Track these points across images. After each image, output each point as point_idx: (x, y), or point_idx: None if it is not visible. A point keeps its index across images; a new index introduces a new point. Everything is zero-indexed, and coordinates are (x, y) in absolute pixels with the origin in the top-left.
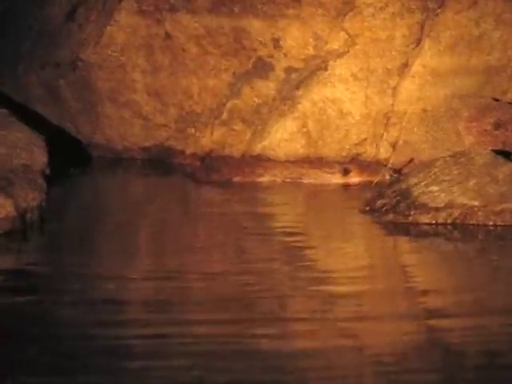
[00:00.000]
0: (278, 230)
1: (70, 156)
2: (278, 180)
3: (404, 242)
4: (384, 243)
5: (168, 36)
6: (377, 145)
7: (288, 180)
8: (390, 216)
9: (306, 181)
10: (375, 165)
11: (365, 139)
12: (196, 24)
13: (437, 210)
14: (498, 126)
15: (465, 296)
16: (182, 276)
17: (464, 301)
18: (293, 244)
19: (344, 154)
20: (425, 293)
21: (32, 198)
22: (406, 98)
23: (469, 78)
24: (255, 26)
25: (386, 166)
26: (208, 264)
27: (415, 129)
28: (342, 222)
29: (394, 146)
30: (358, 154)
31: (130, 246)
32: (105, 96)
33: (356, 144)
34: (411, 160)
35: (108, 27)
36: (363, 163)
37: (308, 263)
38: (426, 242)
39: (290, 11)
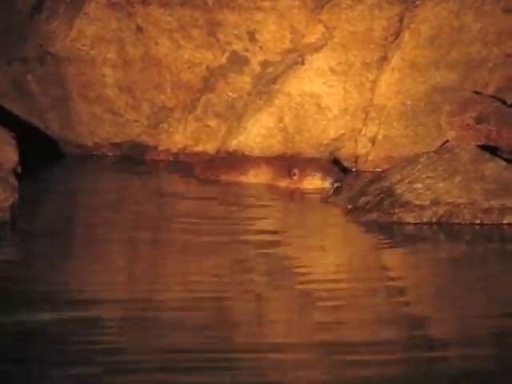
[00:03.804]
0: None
1: (39, 153)
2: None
3: (388, 243)
4: (367, 244)
5: (139, 29)
6: (355, 140)
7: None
8: (374, 214)
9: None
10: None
11: (343, 134)
12: (168, 17)
13: (421, 208)
14: (480, 120)
15: (446, 305)
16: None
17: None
18: (271, 244)
19: (322, 149)
20: (406, 302)
21: (4, 198)
22: (385, 92)
23: (449, 71)
24: (230, 18)
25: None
26: None
27: (395, 123)
28: (324, 221)
29: (373, 141)
30: (337, 150)
31: (102, 249)
32: (74, 91)
33: (334, 139)
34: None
35: (77, 20)
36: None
37: (286, 264)
38: (410, 243)
39: (266, 3)
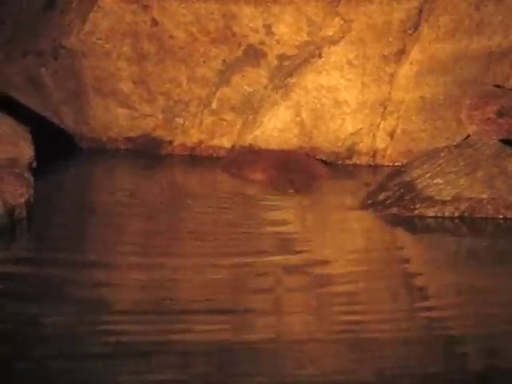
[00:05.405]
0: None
1: (53, 148)
2: None
3: (409, 237)
4: (389, 238)
5: (155, 22)
6: (373, 134)
7: None
8: (394, 209)
9: None
10: None
11: (361, 129)
12: (184, 10)
13: (443, 203)
14: (501, 113)
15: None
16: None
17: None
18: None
19: (339, 144)
20: (425, 297)
21: (20, 193)
22: (404, 86)
23: (469, 65)
24: (246, 11)
25: None
26: None
27: (413, 117)
28: (343, 216)
29: (391, 135)
30: (355, 144)
31: (118, 243)
32: (89, 85)
33: (352, 134)
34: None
35: (92, 13)
36: None
37: (306, 258)
38: (431, 236)
39: None
